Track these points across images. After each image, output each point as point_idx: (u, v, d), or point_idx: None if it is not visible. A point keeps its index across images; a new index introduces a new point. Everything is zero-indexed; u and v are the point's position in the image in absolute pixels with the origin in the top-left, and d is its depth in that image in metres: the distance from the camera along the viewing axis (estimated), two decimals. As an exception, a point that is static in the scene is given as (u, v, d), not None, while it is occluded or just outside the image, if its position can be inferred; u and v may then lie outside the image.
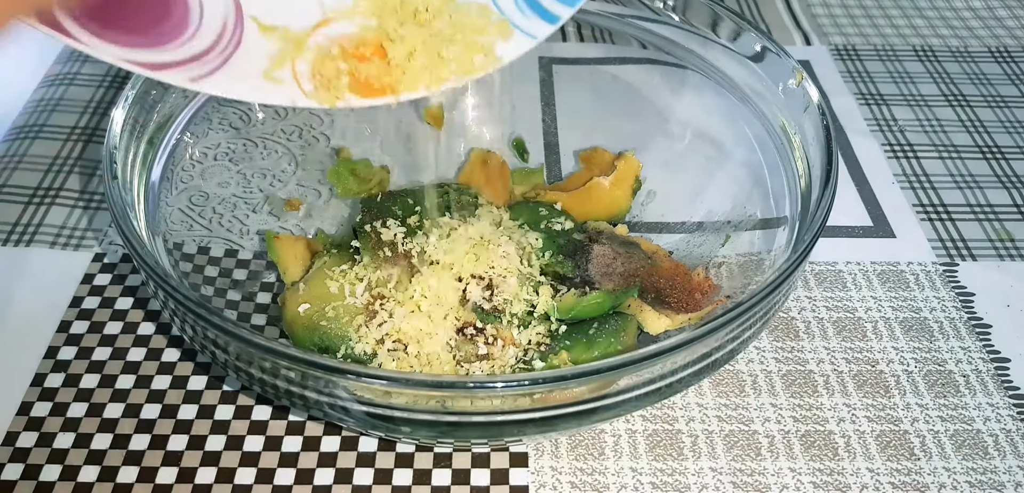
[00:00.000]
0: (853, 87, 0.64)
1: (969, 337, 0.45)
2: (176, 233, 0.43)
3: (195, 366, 0.43)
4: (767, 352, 0.44)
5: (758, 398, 0.42)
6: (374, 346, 0.39)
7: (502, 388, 0.31)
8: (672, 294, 0.43)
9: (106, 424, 0.40)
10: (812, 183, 0.40)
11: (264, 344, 0.32)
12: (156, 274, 0.34)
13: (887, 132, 0.59)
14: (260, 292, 0.45)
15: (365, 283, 0.42)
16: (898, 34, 0.70)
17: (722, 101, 0.48)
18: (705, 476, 0.39)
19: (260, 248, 0.46)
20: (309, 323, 0.41)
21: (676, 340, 0.32)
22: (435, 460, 0.39)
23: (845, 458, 0.40)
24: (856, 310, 0.47)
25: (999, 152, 0.58)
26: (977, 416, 0.42)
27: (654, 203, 0.50)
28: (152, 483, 0.38)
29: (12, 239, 0.49)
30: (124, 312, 0.45)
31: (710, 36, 0.49)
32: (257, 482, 0.38)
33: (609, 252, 0.44)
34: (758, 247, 0.44)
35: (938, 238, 0.51)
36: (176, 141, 0.45)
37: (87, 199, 0.52)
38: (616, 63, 0.55)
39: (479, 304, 0.41)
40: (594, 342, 0.40)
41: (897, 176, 0.56)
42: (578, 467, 0.39)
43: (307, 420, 0.41)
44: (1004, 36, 0.70)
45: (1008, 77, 0.65)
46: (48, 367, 0.42)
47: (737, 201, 0.46)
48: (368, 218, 0.45)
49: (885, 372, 0.44)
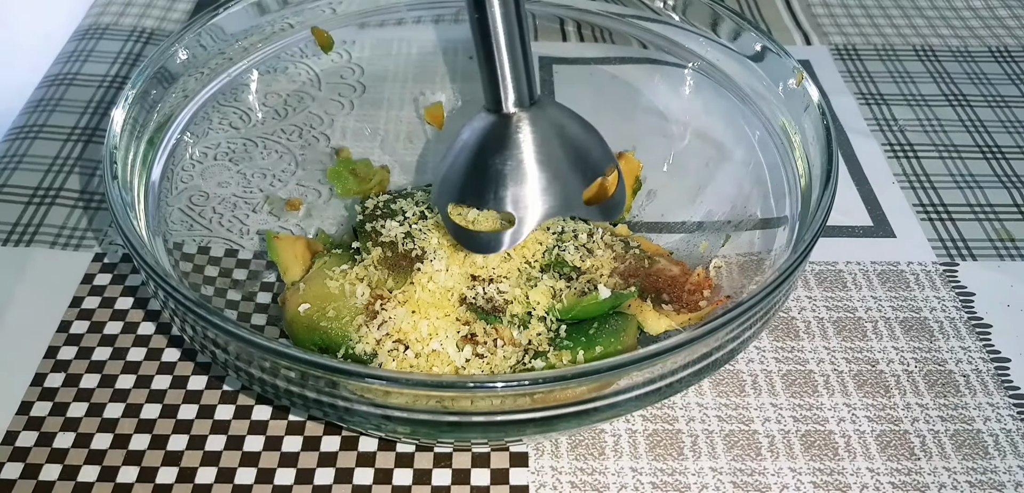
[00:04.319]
0: (853, 87, 0.64)
1: (969, 337, 0.45)
2: (176, 233, 0.43)
3: (195, 366, 0.43)
4: (767, 352, 0.44)
5: (758, 398, 0.42)
6: (374, 346, 0.39)
7: (502, 388, 0.31)
8: (672, 294, 0.43)
9: (106, 424, 0.40)
10: (812, 183, 0.40)
11: (264, 344, 0.32)
12: (156, 274, 0.34)
13: (887, 132, 0.59)
14: (260, 292, 0.45)
15: (365, 283, 0.42)
16: (898, 34, 0.70)
17: (722, 101, 0.48)
18: (705, 476, 0.39)
19: (260, 248, 0.46)
20: (309, 323, 0.40)
21: (676, 340, 0.32)
22: (435, 460, 0.39)
23: (845, 458, 0.40)
24: (856, 310, 0.47)
25: (999, 152, 0.58)
26: (977, 416, 0.42)
27: (654, 203, 0.50)
28: (152, 483, 0.38)
29: (12, 239, 0.49)
30: (124, 312, 0.45)
31: (710, 36, 0.49)
32: (257, 482, 0.38)
33: (609, 252, 0.44)
34: (758, 247, 0.44)
35: (938, 238, 0.51)
36: (176, 141, 0.45)
37: (87, 199, 0.52)
38: (616, 63, 0.55)
39: (479, 304, 0.41)
40: (594, 342, 0.40)
41: (897, 176, 0.56)
42: (578, 467, 0.39)
43: (307, 420, 0.41)
44: (1004, 36, 0.70)
45: (1008, 77, 0.65)
46: (48, 367, 0.42)
47: (737, 201, 0.46)
48: (368, 218, 0.45)
49: (885, 372, 0.44)
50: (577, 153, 0.40)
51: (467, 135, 0.40)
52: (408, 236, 0.44)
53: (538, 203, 0.38)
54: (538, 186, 0.38)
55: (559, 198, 0.39)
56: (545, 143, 0.39)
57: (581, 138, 0.41)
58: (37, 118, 0.58)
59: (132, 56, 0.64)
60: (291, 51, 0.52)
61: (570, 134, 0.40)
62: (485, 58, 0.37)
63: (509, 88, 0.38)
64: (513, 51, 0.37)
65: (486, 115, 0.39)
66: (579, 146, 0.40)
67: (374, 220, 0.45)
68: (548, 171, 0.39)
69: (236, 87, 0.49)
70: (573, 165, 0.40)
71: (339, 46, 0.53)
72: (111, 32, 0.67)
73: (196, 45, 0.47)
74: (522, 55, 0.37)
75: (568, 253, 0.44)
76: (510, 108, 0.39)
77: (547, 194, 0.39)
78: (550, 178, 0.39)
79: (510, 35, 0.37)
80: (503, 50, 0.37)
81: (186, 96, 0.46)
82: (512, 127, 0.39)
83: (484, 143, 0.39)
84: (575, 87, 0.59)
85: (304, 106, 0.53)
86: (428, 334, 0.39)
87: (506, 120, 0.39)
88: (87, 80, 0.62)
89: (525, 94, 0.38)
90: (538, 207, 0.38)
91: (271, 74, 0.51)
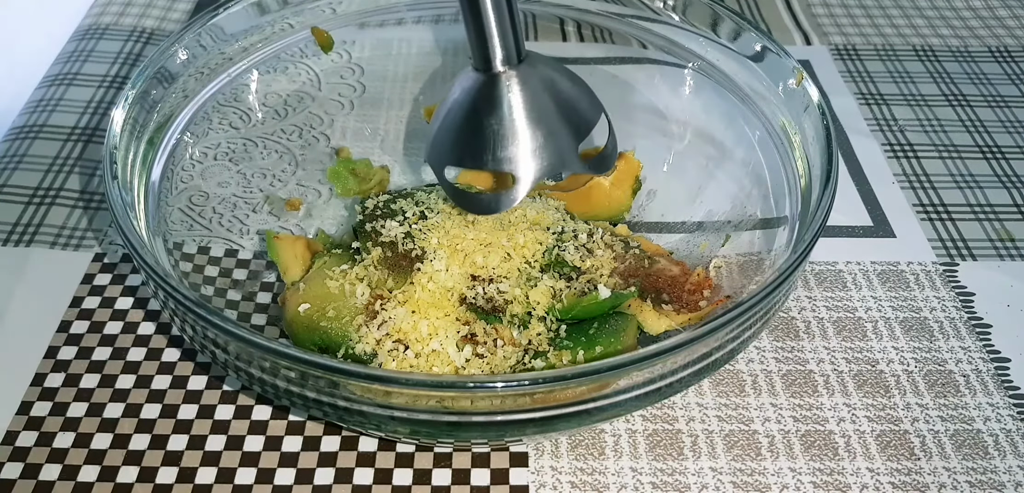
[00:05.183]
0: (853, 87, 0.64)
1: (969, 337, 0.45)
2: (176, 233, 0.43)
3: (195, 366, 0.43)
4: (767, 352, 0.44)
5: (758, 398, 0.42)
6: (374, 346, 0.39)
7: (502, 388, 0.31)
8: (672, 294, 0.43)
9: (106, 424, 0.40)
10: (812, 183, 0.40)
11: (264, 344, 0.32)
12: (156, 274, 0.34)
13: (887, 132, 0.59)
14: (260, 292, 0.45)
15: (365, 283, 0.42)
16: (898, 34, 0.70)
17: (722, 101, 0.48)
18: (705, 476, 0.39)
19: (260, 248, 0.46)
20: (309, 323, 0.41)
21: (676, 340, 0.32)
22: (435, 460, 0.39)
23: (845, 458, 0.40)
24: (856, 310, 0.47)
25: (999, 152, 0.58)
26: (977, 416, 0.42)
27: (654, 203, 0.50)
28: (152, 483, 0.38)
29: (12, 239, 0.49)
30: (124, 312, 0.45)
31: (710, 36, 0.49)
32: (257, 482, 0.38)
33: (609, 252, 0.44)
34: (758, 247, 0.44)
35: (938, 238, 0.51)
36: (176, 141, 0.45)
37: (87, 199, 0.52)
38: (616, 63, 0.55)
39: (479, 304, 0.41)
40: (594, 342, 0.40)
41: (897, 176, 0.56)
42: (578, 467, 0.39)
43: (307, 420, 0.41)
44: (1004, 36, 0.70)
45: (1008, 77, 0.65)
46: (48, 367, 0.42)
47: (737, 201, 0.46)
48: (368, 218, 0.45)
49: (885, 372, 0.44)
50: (568, 107, 0.40)
51: (458, 94, 0.40)
52: (408, 236, 0.44)
53: (536, 161, 0.39)
54: (534, 144, 0.39)
55: (554, 155, 0.39)
56: (537, 100, 0.39)
57: (571, 92, 0.41)
58: (37, 118, 0.58)
59: (132, 56, 0.64)
60: (291, 51, 0.52)
61: (560, 89, 0.41)
62: (472, 18, 0.37)
63: (496, 47, 0.38)
64: (499, 10, 0.37)
65: (475, 74, 0.39)
66: (570, 100, 0.41)
67: (374, 220, 0.45)
68: (542, 128, 0.39)
69: (236, 87, 0.49)
70: (565, 120, 0.40)
71: (339, 46, 0.53)
72: (111, 32, 0.67)
73: (196, 45, 0.47)
74: (508, 12, 0.37)
75: (568, 253, 0.44)
76: (498, 67, 0.39)
77: (543, 152, 0.39)
78: (545, 135, 0.39)
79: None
80: (489, 9, 0.37)
81: (186, 96, 0.46)
82: (503, 86, 0.39)
83: (476, 103, 0.39)
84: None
85: (304, 106, 0.53)
86: (428, 334, 0.39)
87: (496, 79, 0.39)
88: (87, 80, 0.62)
89: (513, 52, 0.38)
90: (536, 165, 0.39)
91: (271, 74, 0.51)
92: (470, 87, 0.40)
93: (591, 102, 0.42)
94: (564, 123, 0.40)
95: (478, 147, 0.39)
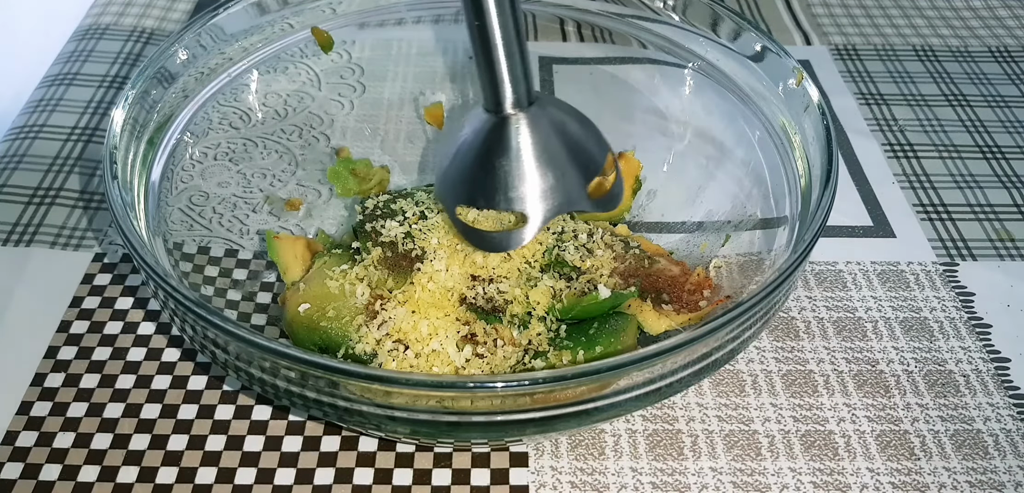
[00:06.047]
0: (853, 87, 0.64)
1: (969, 337, 0.45)
2: (176, 233, 0.43)
3: (195, 366, 0.43)
4: (767, 352, 0.44)
5: (758, 398, 0.42)
6: (374, 346, 0.39)
7: (502, 388, 0.31)
8: (672, 294, 0.43)
9: (106, 424, 0.40)
10: (812, 183, 0.40)
11: (264, 344, 0.32)
12: (156, 274, 0.34)
13: (887, 132, 0.59)
14: (260, 292, 0.45)
15: (365, 283, 0.42)
16: (898, 34, 0.70)
17: (722, 101, 0.48)
18: (705, 476, 0.39)
19: (260, 248, 0.46)
20: (309, 323, 0.41)
21: (676, 340, 0.32)
22: (435, 460, 0.39)
23: (845, 458, 0.40)
24: (856, 310, 0.47)
25: (999, 152, 0.58)
26: (977, 416, 0.42)
27: (654, 203, 0.50)
28: (152, 483, 0.38)
29: (12, 239, 0.49)
30: (124, 312, 0.45)
31: (710, 36, 0.49)
32: (257, 482, 0.38)
33: (609, 252, 0.44)
34: (758, 247, 0.44)
35: (938, 238, 0.51)
36: (176, 141, 0.45)
37: (87, 199, 0.52)
38: (616, 63, 0.55)
39: (479, 304, 0.41)
40: (594, 342, 0.40)
41: (897, 176, 0.56)
42: (578, 467, 0.39)
43: (307, 420, 0.41)
44: (1004, 36, 0.70)
45: (1008, 77, 0.65)
46: (48, 367, 0.42)
47: (737, 201, 0.46)
48: (368, 218, 0.45)
49: (885, 372, 0.44)
50: (577, 149, 0.41)
51: (469, 136, 0.41)
52: (408, 236, 0.44)
53: (545, 202, 0.40)
54: (544, 186, 0.40)
55: (563, 196, 0.40)
56: (547, 143, 0.40)
57: (579, 134, 0.42)
58: (37, 118, 0.58)
59: (132, 56, 0.64)
60: (291, 51, 0.52)
61: (569, 131, 0.42)
62: (485, 63, 0.38)
63: (508, 91, 0.39)
64: (511, 55, 0.38)
65: (485, 115, 0.40)
66: (578, 142, 0.42)
67: (374, 220, 0.45)
68: (551, 170, 0.40)
69: (236, 87, 0.49)
70: (574, 161, 0.41)
71: (339, 46, 0.53)
72: (111, 32, 0.67)
73: (196, 45, 0.47)
74: (520, 58, 0.38)
75: (568, 253, 0.44)
76: (509, 110, 0.39)
77: (553, 193, 0.40)
78: (555, 177, 0.40)
79: (507, 40, 0.38)
80: (501, 55, 0.38)
81: (186, 96, 0.46)
82: (513, 128, 0.40)
83: (488, 145, 0.40)
84: (575, 87, 0.59)
85: (304, 106, 0.53)
86: (428, 334, 0.39)
87: (506, 121, 0.40)
88: (87, 80, 0.62)
89: (524, 95, 0.39)
90: (545, 206, 0.40)
91: (271, 74, 0.51)
92: (481, 128, 0.41)
93: (599, 143, 0.43)
94: (573, 164, 0.41)
95: (490, 188, 0.40)
